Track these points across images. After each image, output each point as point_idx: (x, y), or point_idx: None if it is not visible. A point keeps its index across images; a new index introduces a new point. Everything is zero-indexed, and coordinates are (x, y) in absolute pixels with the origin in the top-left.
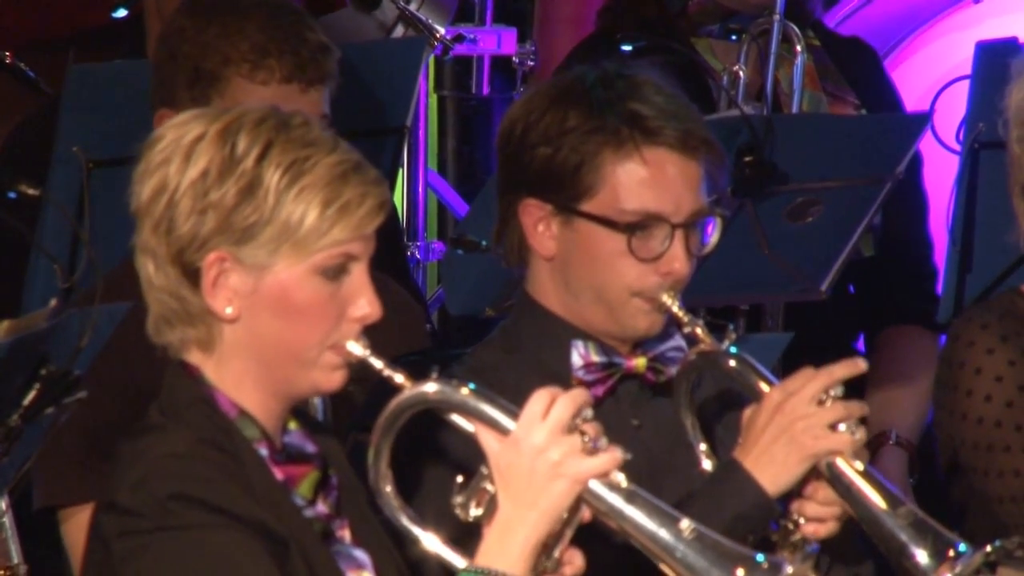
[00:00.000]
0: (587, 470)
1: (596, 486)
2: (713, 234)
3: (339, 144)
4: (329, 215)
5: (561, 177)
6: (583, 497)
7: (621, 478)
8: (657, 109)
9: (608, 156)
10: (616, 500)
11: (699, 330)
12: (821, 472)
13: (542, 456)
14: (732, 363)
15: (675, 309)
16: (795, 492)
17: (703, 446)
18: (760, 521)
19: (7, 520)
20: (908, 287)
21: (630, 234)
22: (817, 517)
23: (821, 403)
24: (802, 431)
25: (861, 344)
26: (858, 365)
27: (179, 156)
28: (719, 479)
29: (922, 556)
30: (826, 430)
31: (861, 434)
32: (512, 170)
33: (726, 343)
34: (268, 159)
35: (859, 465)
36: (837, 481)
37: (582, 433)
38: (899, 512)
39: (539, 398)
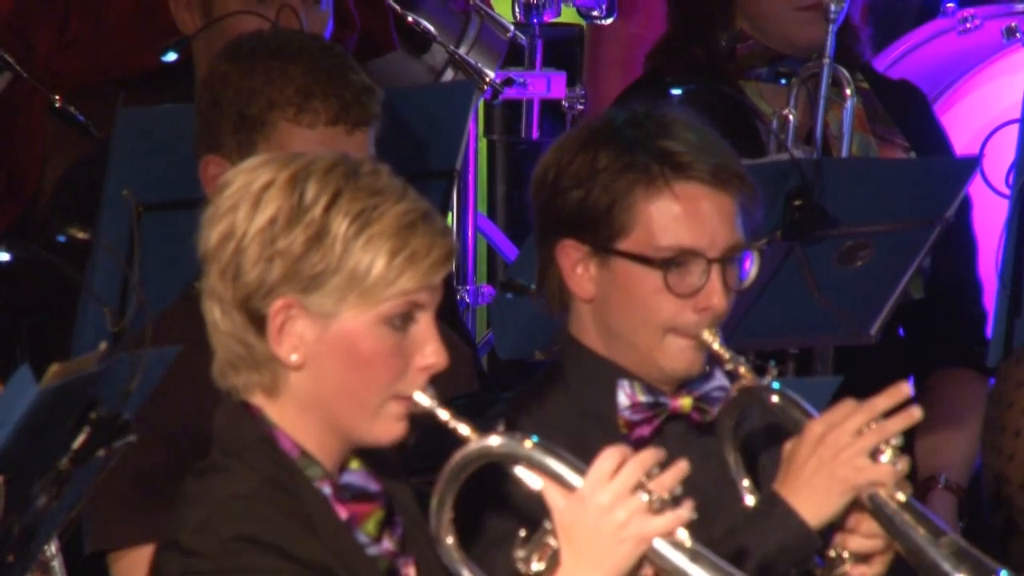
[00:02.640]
0: (652, 530)
1: (660, 545)
2: (751, 269)
3: (408, 192)
4: (396, 264)
5: (595, 217)
6: (647, 556)
7: (685, 536)
8: (687, 145)
9: (640, 194)
10: (680, 559)
11: (742, 367)
12: (864, 504)
13: (608, 516)
14: (774, 398)
15: (716, 346)
16: (838, 525)
17: (746, 482)
18: (802, 553)
19: (57, 564)
20: (958, 330)
21: (666, 270)
22: (861, 551)
23: (861, 435)
24: (844, 463)
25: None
26: (901, 391)
27: (247, 202)
28: (761, 512)
29: None
30: (867, 460)
31: (903, 464)
32: (547, 215)
33: (767, 379)
34: (336, 207)
35: (901, 496)
36: (880, 513)
37: (648, 491)
38: (941, 542)
39: (608, 457)
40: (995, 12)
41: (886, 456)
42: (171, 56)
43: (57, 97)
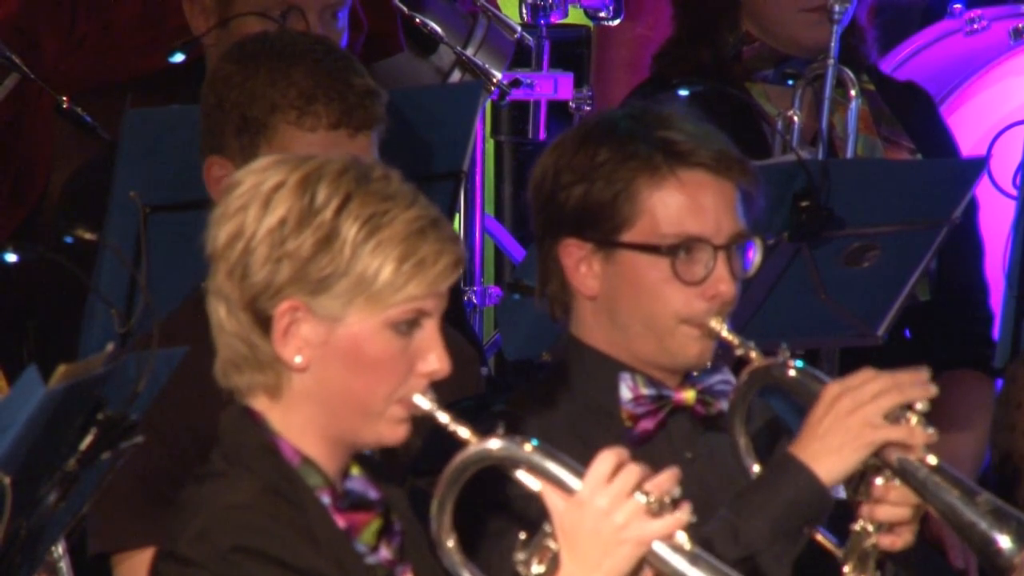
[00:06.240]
0: (651, 533)
1: (660, 548)
2: (755, 258)
3: (418, 198)
4: (405, 271)
5: (598, 211)
6: (646, 559)
7: (684, 539)
8: (687, 134)
9: (643, 183)
10: (679, 562)
11: (752, 352)
12: (893, 469)
13: (607, 519)
14: (792, 372)
15: (724, 333)
16: (865, 498)
17: (756, 467)
18: (814, 510)
19: (64, 565)
20: (964, 332)
21: (673, 257)
22: (890, 520)
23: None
24: (859, 419)
25: None
26: (921, 372)
27: (257, 203)
28: (773, 469)
29: (1005, 541)
30: (883, 420)
31: (933, 431)
32: (548, 214)
33: (780, 359)
34: (347, 211)
35: (932, 460)
36: (911, 477)
37: (646, 493)
38: (978, 501)
39: (605, 459)
40: (1002, 13)
41: (915, 419)
42: (178, 57)
43: (64, 98)
